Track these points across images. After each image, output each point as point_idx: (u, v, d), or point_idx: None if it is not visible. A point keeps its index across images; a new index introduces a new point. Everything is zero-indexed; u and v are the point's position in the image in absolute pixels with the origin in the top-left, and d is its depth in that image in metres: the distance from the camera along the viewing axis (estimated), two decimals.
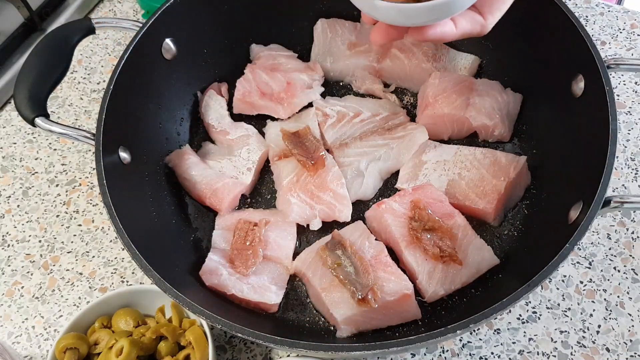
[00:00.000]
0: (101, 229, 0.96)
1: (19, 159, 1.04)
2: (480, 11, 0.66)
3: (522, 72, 0.95)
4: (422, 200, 0.85)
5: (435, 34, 0.64)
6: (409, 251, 0.81)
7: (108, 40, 1.18)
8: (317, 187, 0.88)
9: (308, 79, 1.01)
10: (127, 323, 0.80)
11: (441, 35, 0.64)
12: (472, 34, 0.66)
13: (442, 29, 0.64)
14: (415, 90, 1.01)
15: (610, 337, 0.82)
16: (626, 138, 0.98)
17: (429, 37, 0.64)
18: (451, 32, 0.65)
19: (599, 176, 0.70)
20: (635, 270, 0.87)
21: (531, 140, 0.93)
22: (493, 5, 0.66)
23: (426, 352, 0.82)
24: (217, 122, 0.98)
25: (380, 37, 0.68)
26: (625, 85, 1.03)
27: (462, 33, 0.65)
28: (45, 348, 0.86)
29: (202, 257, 0.85)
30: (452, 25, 0.64)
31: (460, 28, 0.65)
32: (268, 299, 0.81)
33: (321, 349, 0.64)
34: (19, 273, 0.93)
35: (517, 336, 0.83)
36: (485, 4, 0.66)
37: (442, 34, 0.64)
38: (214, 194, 0.90)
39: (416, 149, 0.93)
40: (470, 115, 0.91)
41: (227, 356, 0.83)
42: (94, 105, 1.10)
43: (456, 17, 0.64)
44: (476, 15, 0.66)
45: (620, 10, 1.12)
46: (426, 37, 0.64)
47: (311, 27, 1.05)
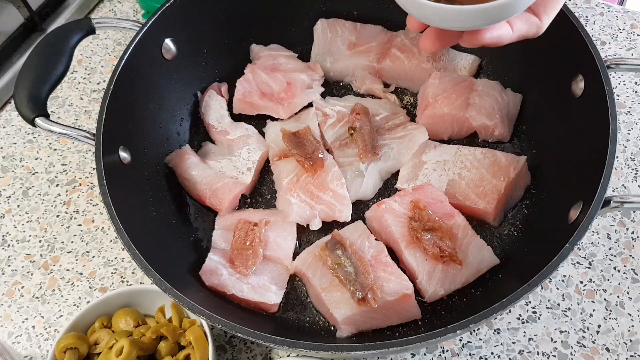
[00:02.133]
0: (101, 229, 0.96)
1: (19, 159, 1.04)
2: (535, 11, 0.63)
3: (522, 72, 0.95)
4: (422, 200, 0.85)
5: (492, 37, 0.60)
6: (409, 251, 0.81)
7: (108, 40, 1.18)
8: (317, 187, 0.88)
9: (308, 79, 1.01)
10: (127, 323, 0.80)
11: (498, 38, 0.61)
12: (528, 35, 0.63)
13: (499, 32, 0.60)
14: (415, 90, 1.01)
15: (610, 337, 0.82)
16: (626, 138, 0.98)
17: (486, 41, 0.61)
18: (508, 35, 0.61)
19: (599, 176, 0.70)
20: (635, 270, 0.87)
21: (531, 140, 0.93)
22: (548, 5, 0.63)
23: (426, 352, 0.82)
24: (217, 122, 0.98)
25: (431, 44, 0.64)
26: (625, 85, 1.03)
27: (519, 35, 0.62)
28: (45, 348, 0.86)
29: (202, 257, 0.85)
30: (508, 28, 0.61)
31: (517, 30, 0.62)
32: (268, 299, 0.81)
33: (321, 349, 0.64)
34: (19, 273, 0.93)
35: (517, 336, 0.83)
36: (541, 3, 0.63)
37: (499, 38, 0.61)
38: (214, 194, 0.90)
39: (416, 149, 0.93)
40: (470, 115, 0.91)
41: (227, 356, 0.83)
42: (94, 105, 1.10)
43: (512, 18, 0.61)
44: (531, 16, 0.63)
45: (620, 10, 1.12)
46: (483, 41, 0.61)
47: (311, 27, 1.05)
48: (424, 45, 0.65)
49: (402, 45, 1.00)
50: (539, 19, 0.63)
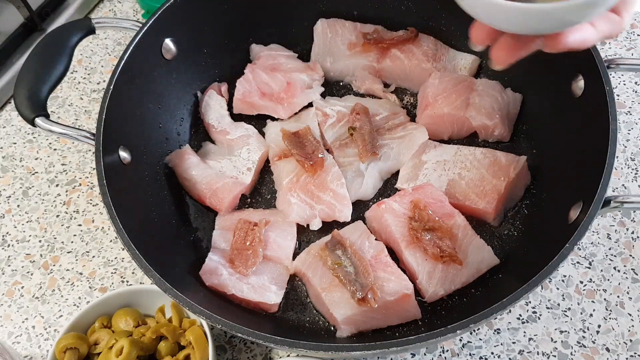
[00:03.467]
0: (101, 229, 0.96)
1: (19, 159, 1.04)
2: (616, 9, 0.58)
3: (522, 72, 0.95)
4: (422, 200, 0.85)
5: (576, 40, 0.55)
6: (409, 251, 0.81)
7: (108, 40, 1.18)
8: (317, 187, 0.88)
9: (308, 79, 1.01)
10: (127, 323, 0.80)
11: (582, 41, 0.56)
12: (612, 35, 0.58)
13: (582, 34, 0.55)
14: (415, 90, 1.01)
15: (610, 337, 0.82)
16: (626, 138, 0.98)
17: (570, 45, 0.55)
18: (592, 36, 0.56)
19: (599, 176, 0.70)
20: (635, 270, 0.87)
21: (531, 140, 0.93)
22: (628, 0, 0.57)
23: (426, 352, 0.82)
24: (217, 122, 0.98)
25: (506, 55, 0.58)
26: (625, 85, 1.03)
27: (603, 36, 0.57)
28: (45, 348, 0.86)
29: (202, 257, 0.85)
30: (592, 29, 0.56)
31: (600, 30, 0.57)
32: (268, 299, 0.81)
33: (321, 349, 0.64)
34: (19, 273, 0.93)
35: (517, 336, 0.83)
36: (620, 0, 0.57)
37: (584, 40, 0.56)
38: (214, 194, 0.90)
39: (416, 149, 0.93)
40: (470, 115, 0.91)
41: (227, 356, 0.83)
42: (94, 105, 1.10)
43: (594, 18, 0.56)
44: (611, 14, 0.57)
45: None
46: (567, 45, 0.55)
47: (311, 27, 1.05)
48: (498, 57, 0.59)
49: (402, 45, 1.00)
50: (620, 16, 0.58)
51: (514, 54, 0.58)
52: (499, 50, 0.58)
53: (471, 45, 0.61)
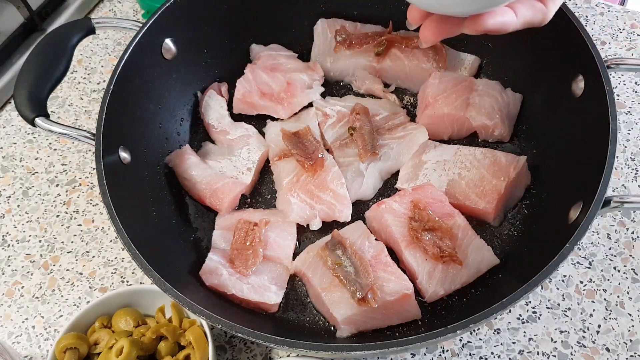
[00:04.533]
0: (101, 229, 0.96)
1: (19, 159, 1.04)
2: None
3: (522, 72, 0.95)
4: (422, 200, 0.85)
5: (495, 23, 0.57)
6: (409, 251, 0.81)
7: (108, 40, 1.18)
8: (317, 187, 0.88)
9: (308, 79, 1.01)
10: (127, 323, 0.80)
11: (502, 24, 0.58)
12: (534, 23, 0.60)
13: (502, 18, 0.57)
14: (415, 90, 1.01)
15: (610, 337, 0.82)
16: (626, 138, 0.98)
17: (489, 27, 0.57)
18: (512, 21, 0.58)
19: (599, 176, 0.70)
20: (635, 270, 0.87)
21: (531, 140, 0.93)
22: None
23: (426, 352, 0.82)
24: (217, 122, 0.98)
25: (432, 34, 0.61)
26: (625, 85, 1.03)
27: (524, 22, 0.59)
28: (45, 348, 0.86)
29: (202, 257, 0.85)
30: (512, 14, 0.58)
31: (522, 16, 0.58)
32: (268, 299, 0.81)
33: (321, 349, 0.64)
34: (19, 273, 0.93)
35: (517, 336, 0.83)
36: None
37: (503, 24, 0.58)
38: (214, 194, 0.90)
39: (416, 149, 0.93)
40: (470, 115, 0.91)
41: (227, 356, 0.83)
42: (94, 105, 1.10)
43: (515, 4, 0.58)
44: (536, 2, 0.60)
45: (620, 10, 1.12)
46: (485, 27, 0.57)
47: (311, 27, 1.05)
48: (424, 35, 0.61)
49: (402, 46, 1.00)
50: (545, 5, 0.60)
51: (440, 33, 0.60)
52: (426, 29, 0.61)
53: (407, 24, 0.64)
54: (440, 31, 0.60)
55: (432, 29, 0.61)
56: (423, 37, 0.61)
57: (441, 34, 0.61)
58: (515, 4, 0.58)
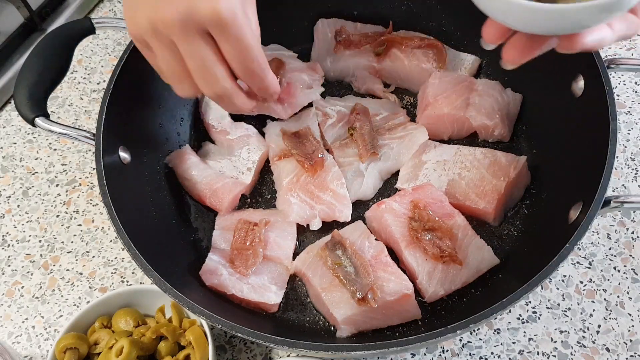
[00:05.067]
0: (101, 229, 0.96)
1: (19, 159, 1.04)
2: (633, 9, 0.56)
3: (522, 72, 0.94)
4: (422, 200, 0.85)
5: (593, 41, 0.54)
6: (409, 251, 0.81)
7: (108, 40, 1.18)
8: (317, 187, 0.88)
9: (308, 79, 1.01)
10: (127, 323, 0.80)
11: (599, 42, 0.54)
12: (628, 36, 0.57)
13: (600, 34, 0.54)
14: (415, 90, 1.01)
15: (610, 337, 0.82)
16: (626, 138, 0.98)
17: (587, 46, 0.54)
18: (609, 37, 0.55)
19: (599, 176, 0.70)
20: (635, 270, 0.87)
21: (531, 140, 0.93)
22: None
23: (426, 352, 0.82)
24: (217, 122, 0.98)
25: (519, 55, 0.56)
26: (625, 85, 1.03)
27: (619, 36, 0.56)
28: (45, 348, 0.87)
29: (202, 257, 0.85)
30: (608, 29, 0.54)
31: (617, 30, 0.55)
32: (268, 299, 0.81)
33: (321, 349, 0.64)
34: (19, 273, 0.93)
35: (517, 336, 0.83)
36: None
37: (601, 41, 0.54)
38: (214, 194, 0.90)
39: (416, 149, 0.93)
40: (470, 115, 0.91)
41: (227, 356, 0.83)
42: (94, 105, 1.10)
43: None
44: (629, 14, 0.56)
45: None
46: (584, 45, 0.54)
47: (311, 27, 1.05)
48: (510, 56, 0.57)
49: (402, 46, 1.00)
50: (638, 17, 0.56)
51: (527, 53, 0.56)
52: (511, 49, 0.56)
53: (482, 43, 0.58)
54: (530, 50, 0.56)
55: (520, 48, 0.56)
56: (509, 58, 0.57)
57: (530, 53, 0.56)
58: None
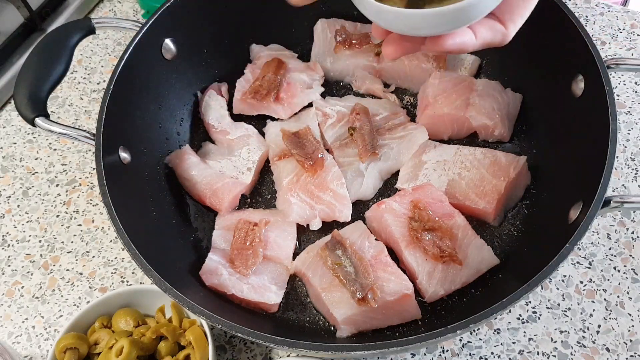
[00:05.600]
0: (101, 229, 0.96)
1: (19, 159, 1.04)
2: (501, 19, 0.61)
3: (522, 72, 0.95)
4: (422, 200, 0.85)
5: (454, 44, 0.58)
6: (409, 251, 0.81)
7: (108, 40, 1.18)
8: (317, 187, 0.88)
9: (308, 79, 1.01)
10: (127, 323, 0.80)
11: (460, 45, 0.59)
12: (493, 43, 0.61)
13: (461, 39, 0.59)
14: (415, 90, 1.01)
15: (610, 337, 0.82)
16: (626, 138, 0.98)
17: (448, 48, 0.59)
18: (471, 42, 0.59)
19: (599, 176, 0.70)
20: (635, 270, 0.87)
21: (531, 140, 0.93)
22: (514, 12, 0.60)
23: (426, 352, 0.82)
24: (217, 122, 0.98)
25: (394, 51, 0.62)
26: (625, 85, 1.03)
27: (482, 43, 0.60)
28: (45, 348, 0.86)
29: (202, 257, 0.85)
30: (471, 35, 0.59)
31: (481, 37, 0.60)
32: (268, 299, 0.81)
33: (321, 349, 0.64)
34: (19, 273, 0.93)
35: (517, 336, 0.83)
36: (506, 11, 0.60)
37: (462, 44, 0.59)
38: (214, 194, 0.90)
39: (416, 149, 0.93)
40: (470, 115, 0.91)
41: (227, 356, 0.83)
42: (94, 105, 1.10)
43: (475, 25, 0.59)
44: (496, 24, 0.61)
45: (620, 10, 1.12)
46: (445, 47, 0.59)
47: (311, 27, 1.05)
48: (386, 52, 0.63)
49: None
50: (505, 27, 0.61)
51: (400, 49, 0.62)
52: (390, 46, 0.62)
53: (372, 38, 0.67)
54: (403, 48, 0.62)
55: (395, 45, 0.62)
56: (385, 53, 0.63)
57: (403, 50, 0.62)
58: (474, 24, 0.59)
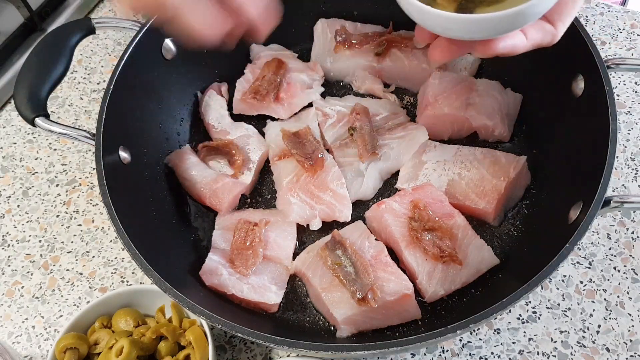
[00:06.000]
0: (101, 229, 0.96)
1: (19, 159, 1.04)
2: (550, 19, 0.61)
3: (522, 72, 0.95)
4: (422, 200, 0.85)
5: (506, 47, 0.59)
6: (409, 251, 0.81)
7: (108, 40, 1.18)
8: (317, 187, 0.88)
9: (308, 79, 1.01)
10: (127, 323, 0.80)
11: (512, 48, 0.59)
12: (543, 44, 0.62)
13: (512, 41, 0.59)
14: (415, 90, 1.01)
15: (610, 337, 0.82)
16: (626, 138, 0.98)
17: (500, 51, 0.59)
18: (522, 43, 0.60)
19: (599, 176, 0.70)
20: (635, 270, 0.87)
21: (531, 140, 0.93)
22: (563, 12, 0.61)
23: (426, 352, 0.82)
24: (217, 122, 0.98)
25: (441, 55, 0.62)
26: (625, 85, 1.03)
27: (533, 44, 0.61)
28: (45, 348, 0.86)
29: (202, 257, 0.85)
30: (522, 37, 0.60)
31: (531, 39, 0.60)
32: (268, 299, 0.81)
33: (321, 349, 0.64)
34: (19, 273, 0.93)
35: (517, 336, 0.83)
36: (555, 10, 0.60)
37: (514, 47, 0.59)
38: (214, 194, 0.90)
39: (416, 149, 0.93)
40: (470, 115, 0.91)
41: (227, 356, 0.83)
42: (94, 105, 1.10)
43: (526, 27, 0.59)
44: (545, 24, 0.61)
45: (620, 10, 1.12)
46: (496, 51, 0.59)
47: (311, 27, 1.05)
48: (433, 56, 0.63)
49: (402, 45, 1.00)
50: (554, 27, 0.61)
51: (448, 54, 0.62)
52: (434, 49, 0.62)
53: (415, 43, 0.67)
54: (450, 52, 0.61)
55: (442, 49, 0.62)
56: (432, 58, 0.62)
57: (451, 54, 0.62)
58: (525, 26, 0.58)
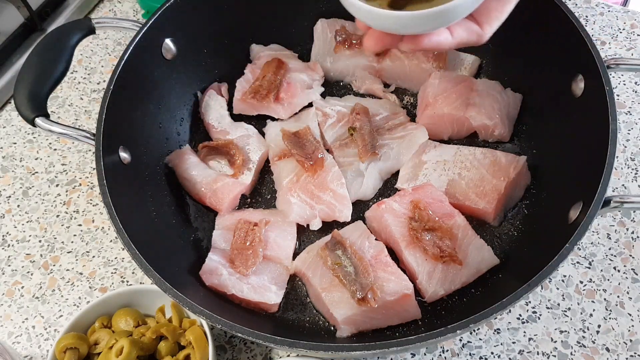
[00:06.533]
0: (101, 229, 0.96)
1: (19, 159, 1.04)
2: (478, 21, 0.65)
3: (522, 72, 0.95)
4: (422, 200, 0.85)
5: (430, 42, 0.63)
6: (409, 251, 0.81)
7: (108, 40, 1.18)
8: (317, 187, 0.88)
9: (308, 79, 1.01)
10: (127, 323, 0.80)
11: (436, 44, 0.63)
12: (469, 43, 0.65)
13: (437, 38, 0.63)
14: (415, 90, 1.01)
15: (610, 337, 0.82)
16: (626, 138, 0.98)
17: (425, 46, 0.63)
18: (447, 41, 0.64)
19: (599, 176, 0.70)
20: (635, 270, 0.87)
21: (531, 140, 0.93)
22: (490, 15, 0.65)
23: (426, 352, 0.82)
24: (217, 122, 0.98)
25: (374, 44, 0.67)
26: (625, 85, 1.03)
27: (459, 42, 0.64)
28: (45, 348, 0.87)
29: (202, 257, 0.85)
30: (448, 34, 0.64)
31: (457, 37, 0.64)
32: (268, 299, 0.81)
33: (321, 349, 0.64)
34: (19, 273, 0.93)
35: (517, 336, 0.83)
36: (483, 13, 0.64)
37: (438, 43, 0.63)
38: (214, 194, 0.90)
39: (416, 149, 0.93)
40: (470, 115, 0.91)
41: (227, 356, 0.83)
42: (94, 105, 1.10)
43: (452, 26, 0.63)
44: (473, 24, 0.65)
45: (620, 10, 1.12)
46: (421, 45, 0.63)
47: (311, 27, 1.05)
48: (367, 44, 0.67)
49: None
50: (481, 28, 0.65)
51: (380, 44, 0.66)
52: (370, 39, 0.67)
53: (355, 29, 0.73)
54: (383, 42, 0.66)
55: (375, 39, 0.66)
56: (366, 46, 0.68)
57: (383, 44, 0.66)
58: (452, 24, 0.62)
